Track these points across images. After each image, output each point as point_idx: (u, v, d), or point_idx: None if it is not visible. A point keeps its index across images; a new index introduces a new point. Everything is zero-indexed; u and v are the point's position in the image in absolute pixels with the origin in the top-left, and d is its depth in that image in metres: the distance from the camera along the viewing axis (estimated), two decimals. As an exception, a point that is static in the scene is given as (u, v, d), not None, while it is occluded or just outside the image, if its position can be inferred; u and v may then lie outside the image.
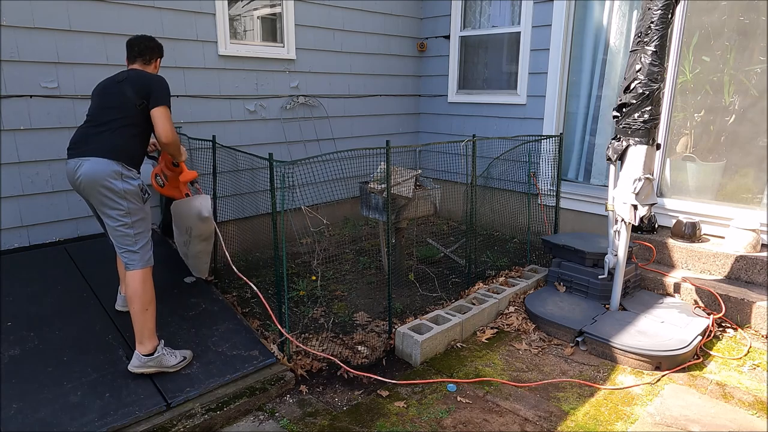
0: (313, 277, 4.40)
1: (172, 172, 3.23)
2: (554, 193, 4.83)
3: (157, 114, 2.74)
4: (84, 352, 2.80)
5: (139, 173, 2.80)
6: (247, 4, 4.71)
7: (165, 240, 4.07)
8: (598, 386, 3.05)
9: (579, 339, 3.49)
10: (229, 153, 4.06)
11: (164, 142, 2.79)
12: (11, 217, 3.59)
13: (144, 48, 3.00)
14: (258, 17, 4.86)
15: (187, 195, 3.35)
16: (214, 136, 3.91)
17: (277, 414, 2.77)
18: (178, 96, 4.26)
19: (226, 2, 4.44)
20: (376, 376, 3.08)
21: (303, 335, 3.47)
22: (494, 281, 4.22)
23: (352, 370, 3.10)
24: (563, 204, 5.04)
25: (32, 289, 3.22)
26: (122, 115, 2.74)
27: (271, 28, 4.95)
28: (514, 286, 4.12)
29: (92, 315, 3.09)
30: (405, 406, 2.85)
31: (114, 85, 2.82)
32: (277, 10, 4.89)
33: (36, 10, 3.49)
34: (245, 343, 3.09)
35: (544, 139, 4.81)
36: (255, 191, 4.75)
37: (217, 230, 3.40)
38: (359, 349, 3.31)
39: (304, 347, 3.21)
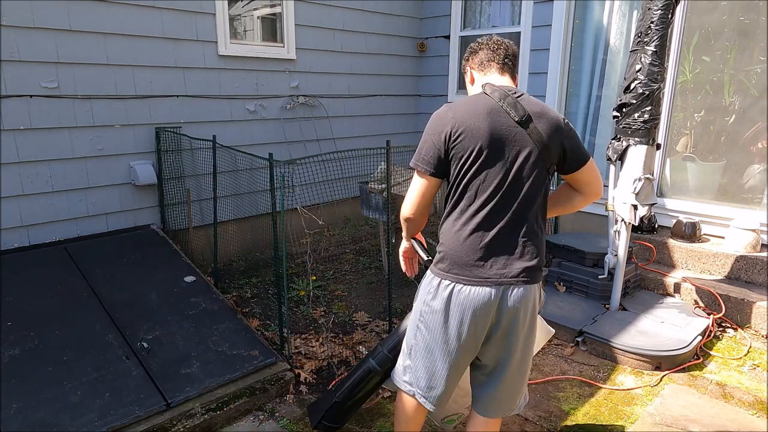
0: (313, 277, 4.40)
1: None
2: (554, 193, 4.82)
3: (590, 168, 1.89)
4: (84, 352, 2.80)
5: None
6: (247, 4, 4.71)
7: (164, 239, 4.07)
8: (598, 386, 3.05)
9: (579, 339, 3.49)
10: (229, 153, 4.06)
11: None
12: (11, 217, 3.59)
13: (514, 52, 1.99)
14: (258, 17, 4.86)
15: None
16: (214, 136, 3.91)
17: (277, 414, 2.77)
18: (178, 96, 4.27)
19: (226, 2, 4.43)
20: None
21: (303, 335, 3.47)
22: (494, 281, 4.22)
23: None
24: (563, 204, 5.03)
25: (32, 289, 3.22)
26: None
27: (271, 28, 4.95)
28: (514, 286, 4.12)
29: (92, 315, 3.09)
30: (405, 406, 2.85)
31: (514, 131, 1.72)
32: (277, 10, 4.89)
33: (36, 10, 3.49)
34: (245, 343, 3.09)
35: (544, 139, 4.81)
36: (255, 191, 4.75)
37: None
38: (359, 348, 3.31)
39: (304, 347, 3.20)
